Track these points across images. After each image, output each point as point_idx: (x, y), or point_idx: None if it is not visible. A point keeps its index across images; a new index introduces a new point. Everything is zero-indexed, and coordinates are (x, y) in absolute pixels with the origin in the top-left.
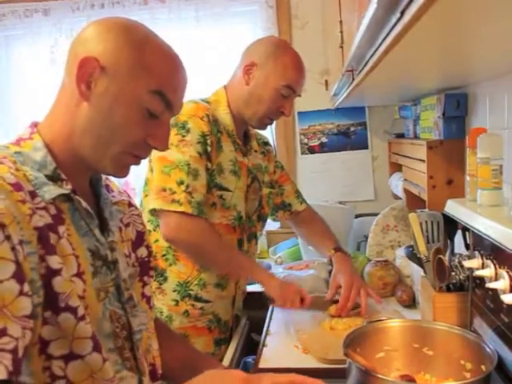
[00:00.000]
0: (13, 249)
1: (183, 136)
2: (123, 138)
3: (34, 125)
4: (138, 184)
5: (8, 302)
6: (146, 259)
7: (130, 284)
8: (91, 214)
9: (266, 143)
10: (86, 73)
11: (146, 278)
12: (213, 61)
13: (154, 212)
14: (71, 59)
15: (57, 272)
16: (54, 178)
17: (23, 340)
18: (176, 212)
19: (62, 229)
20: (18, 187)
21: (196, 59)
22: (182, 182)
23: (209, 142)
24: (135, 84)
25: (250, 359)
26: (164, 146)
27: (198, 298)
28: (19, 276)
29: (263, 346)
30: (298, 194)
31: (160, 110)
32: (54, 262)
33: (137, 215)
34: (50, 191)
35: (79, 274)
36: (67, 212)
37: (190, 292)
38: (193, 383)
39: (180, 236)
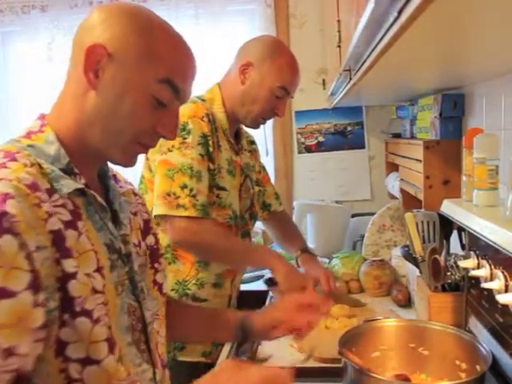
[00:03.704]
0: (28, 257)
1: (184, 138)
2: (131, 126)
3: (43, 116)
4: (135, 182)
5: (23, 315)
6: (155, 246)
7: (140, 275)
8: (105, 208)
9: (253, 142)
10: (93, 60)
11: (156, 265)
12: (211, 59)
13: (159, 217)
14: (77, 48)
15: (72, 276)
16: (67, 172)
17: (34, 352)
18: (182, 216)
19: (80, 224)
20: (34, 188)
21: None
22: (185, 186)
23: (210, 142)
24: (143, 72)
25: (244, 358)
26: (172, 135)
27: (195, 298)
28: (35, 286)
29: (258, 344)
30: (277, 196)
31: (168, 99)
32: (69, 265)
33: (141, 204)
34: (68, 185)
35: (99, 269)
36: (82, 207)
37: (188, 291)
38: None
39: (187, 238)
